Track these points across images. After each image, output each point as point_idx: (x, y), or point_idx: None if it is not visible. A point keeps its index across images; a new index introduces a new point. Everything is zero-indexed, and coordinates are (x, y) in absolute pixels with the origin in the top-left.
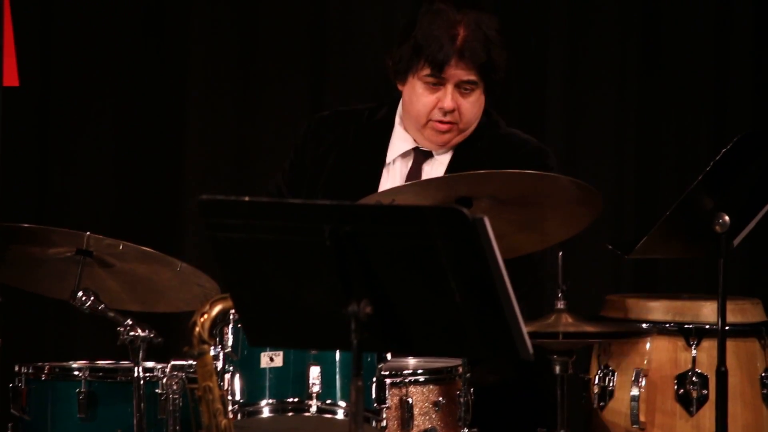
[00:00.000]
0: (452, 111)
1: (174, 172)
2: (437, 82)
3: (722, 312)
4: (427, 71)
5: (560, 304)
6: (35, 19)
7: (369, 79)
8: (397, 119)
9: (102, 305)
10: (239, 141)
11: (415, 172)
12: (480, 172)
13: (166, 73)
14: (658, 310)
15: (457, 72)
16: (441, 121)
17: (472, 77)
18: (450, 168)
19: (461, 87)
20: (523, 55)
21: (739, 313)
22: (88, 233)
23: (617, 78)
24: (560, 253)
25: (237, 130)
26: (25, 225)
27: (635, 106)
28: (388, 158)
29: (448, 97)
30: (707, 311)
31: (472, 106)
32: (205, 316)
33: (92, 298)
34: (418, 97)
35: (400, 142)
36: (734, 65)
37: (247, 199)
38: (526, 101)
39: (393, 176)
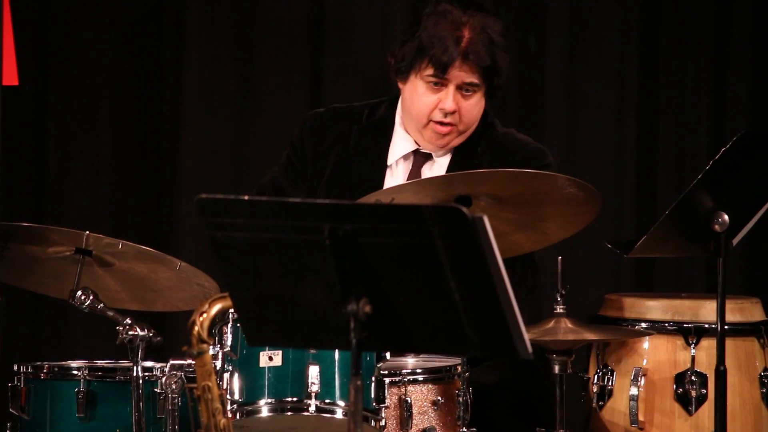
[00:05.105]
0: (453, 112)
1: (171, 171)
2: (439, 82)
3: (721, 311)
4: (430, 71)
5: (559, 309)
6: (33, 18)
7: (366, 78)
8: (398, 119)
9: (101, 304)
10: (236, 140)
11: (415, 174)
12: (479, 171)
13: (163, 72)
14: (657, 309)
15: (460, 74)
16: (441, 123)
17: (475, 80)
18: (450, 170)
19: (463, 89)
20: (523, 55)
21: (738, 312)
22: (87, 232)
23: (617, 78)
24: (560, 258)
25: (234, 129)
26: (25, 224)
27: (635, 106)
28: (390, 160)
29: (449, 98)
30: (706, 310)
31: (472, 108)
32: (204, 315)
33: (91, 297)
34: (420, 96)
35: (402, 142)
36: (733, 65)
37: (246, 198)
38: (526, 101)
39: (396, 178)
